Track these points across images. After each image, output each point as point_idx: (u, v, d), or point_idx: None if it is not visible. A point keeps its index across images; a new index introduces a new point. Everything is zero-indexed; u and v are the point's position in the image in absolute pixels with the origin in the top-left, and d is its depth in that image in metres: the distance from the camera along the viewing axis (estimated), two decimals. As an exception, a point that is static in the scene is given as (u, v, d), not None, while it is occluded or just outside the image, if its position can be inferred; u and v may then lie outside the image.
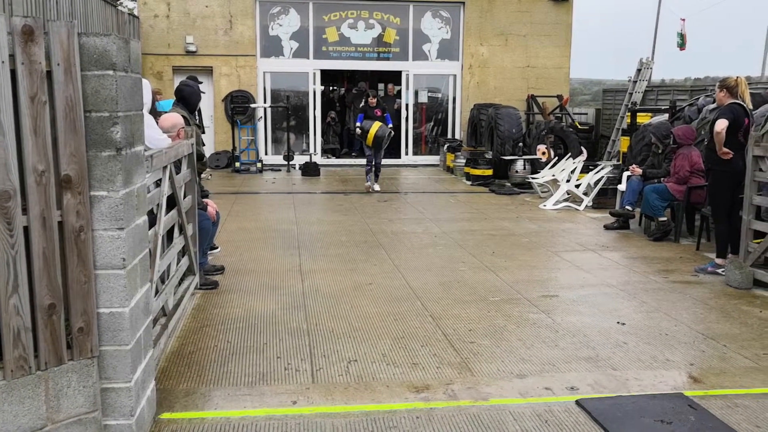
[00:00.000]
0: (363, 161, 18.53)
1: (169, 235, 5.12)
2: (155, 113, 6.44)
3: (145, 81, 4.64)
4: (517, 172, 13.66)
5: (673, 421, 3.65)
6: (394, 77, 17.97)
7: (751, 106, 6.93)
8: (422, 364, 4.45)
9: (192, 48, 16.35)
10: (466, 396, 3.98)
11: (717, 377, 4.31)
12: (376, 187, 12.58)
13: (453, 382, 4.18)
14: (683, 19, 18.43)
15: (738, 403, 3.92)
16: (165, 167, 4.64)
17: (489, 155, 14.41)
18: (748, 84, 7.18)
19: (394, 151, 18.26)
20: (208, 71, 16.36)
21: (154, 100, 6.83)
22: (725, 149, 6.59)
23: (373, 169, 12.58)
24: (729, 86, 6.77)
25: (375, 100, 12.37)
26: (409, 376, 4.26)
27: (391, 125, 12.29)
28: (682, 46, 18.66)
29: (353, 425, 3.61)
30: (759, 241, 6.33)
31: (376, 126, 11.95)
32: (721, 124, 6.54)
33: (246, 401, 3.87)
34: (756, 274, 6.32)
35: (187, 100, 7.00)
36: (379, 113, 12.22)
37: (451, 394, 4.01)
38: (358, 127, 12.24)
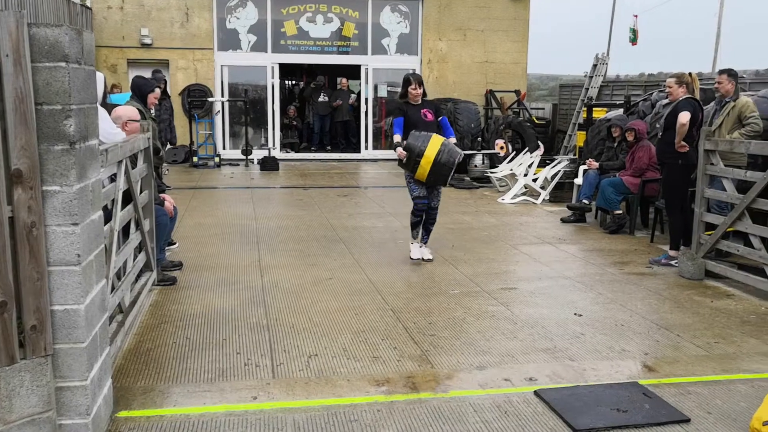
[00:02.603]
0: (323, 155, 18.67)
1: (126, 230, 5.03)
2: (107, 106, 6.33)
3: (99, 74, 4.55)
4: (476, 166, 13.77)
5: (629, 410, 3.73)
6: (354, 71, 17.95)
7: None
8: (383, 358, 4.46)
9: (147, 41, 16.08)
10: (426, 388, 4.01)
11: (670, 366, 4.41)
12: (427, 254, 7.07)
13: (413, 375, 4.20)
14: (636, 15, 18.84)
15: (690, 390, 4.02)
16: (120, 162, 4.56)
17: (448, 150, 14.45)
18: (699, 80, 7.35)
19: (353, 146, 18.27)
20: (165, 64, 16.10)
21: (105, 93, 6.72)
22: (683, 142, 6.74)
23: (423, 218, 7.06)
24: (686, 81, 6.92)
25: (419, 91, 6.82)
26: (370, 370, 4.26)
27: (454, 138, 6.93)
28: (633, 41, 19.10)
29: (314, 420, 3.60)
30: (710, 233, 6.49)
31: (436, 144, 6.56)
32: (686, 117, 6.67)
33: (206, 397, 3.83)
34: (707, 265, 6.49)
35: (141, 89, 7.00)
36: (430, 117, 6.87)
37: (412, 386, 4.03)
38: (397, 143, 6.70)
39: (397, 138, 6.75)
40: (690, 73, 7.04)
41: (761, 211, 6.23)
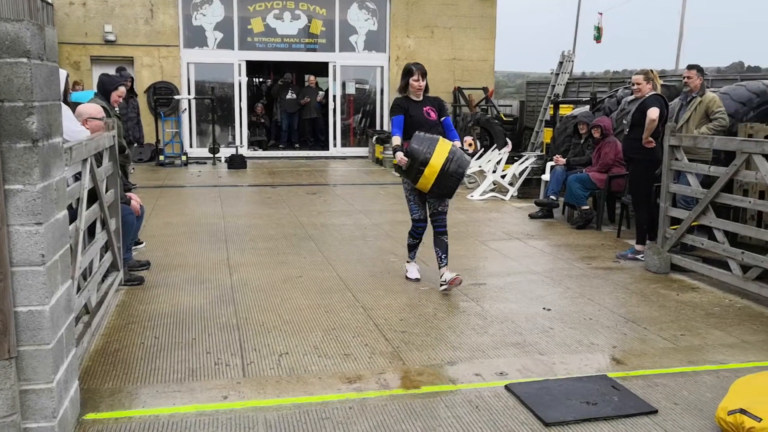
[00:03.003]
0: (291, 153, 18.58)
1: (91, 230, 4.95)
2: (70, 104, 6.23)
3: (61, 71, 4.47)
4: (444, 163, 13.78)
5: (598, 402, 3.77)
6: (321, 69, 17.89)
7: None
8: (354, 355, 4.45)
9: (111, 37, 15.83)
10: (398, 385, 4.01)
11: (638, 358, 4.47)
12: (447, 275, 5.90)
13: (385, 371, 4.20)
14: (600, 13, 19.05)
15: (657, 382, 4.09)
16: (85, 160, 4.48)
17: (417, 147, 14.48)
18: (663, 77, 7.47)
19: (322, 143, 18.21)
20: (129, 62, 15.86)
21: (67, 90, 6.62)
22: (650, 138, 6.83)
23: (415, 243, 6.32)
24: (652, 78, 7.03)
25: (422, 83, 5.93)
26: (341, 367, 4.25)
27: (459, 142, 5.99)
28: (598, 38, 19.33)
29: (285, 418, 3.58)
30: (675, 227, 6.60)
31: (443, 150, 5.63)
32: (655, 113, 6.76)
33: (175, 398, 3.78)
34: (673, 259, 6.60)
35: (104, 86, 6.93)
36: (433, 116, 5.98)
37: (384, 383, 4.03)
38: (397, 147, 5.79)
39: (396, 140, 5.81)
40: (651, 70, 7.15)
41: (725, 205, 6.35)
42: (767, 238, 5.69)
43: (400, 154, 5.69)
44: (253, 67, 18.65)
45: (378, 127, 18.00)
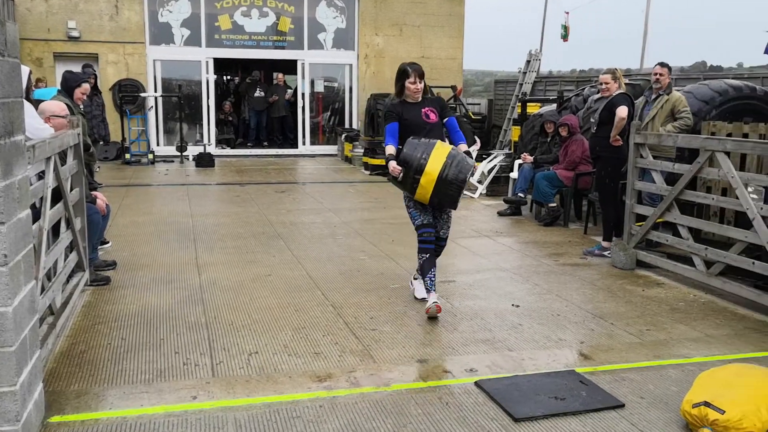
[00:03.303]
0: (260, 151, 18.47)
1: (56, 229, 4.87)
2: (32, 102, 6.11)
3: (23, 68, 4.38)
4: (414, 161, 13.81)
5: (567, 397, 3.82)
6: (290, 66, 17.80)
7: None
8: (324, 353, 4.44)
9: (75, 33, 15.56)
10: (368, 383, 4.01)
11: (605, 353, 4.53)
12: (433, 300, 5.15)
13: (355, 369, 4.20)
14: (567, 12, 19.26)
15: (624, 376, 4.15)
16: (49, 158, 4.40)
17: (386, 145, 14.48)
18: (628, 75, 7.57)
19: (291, 141, 18.12)
20: (94, 58, 15.61)
21: (30, 88, 6.50)
22: (617, 136, 6.92)
23: (428, 257, 5.31)
24: (619, 77, 7.13)
25: (420, 86, 5.33)
26: (312, 366, 4.24)
27: (463, 144, 5.39)
28: (565, 37, 19.54)
29: (256, 417, 3.56)
30: (641, 224, 6.70)
31: (441, 154, 5.08)
32: (624, 111, 6.85)
33: (143, 399, 3.73)
34: (639, 255, 6.70)
35: (67, 83, 6.84)
36: (433, 117, 5.36)
37: (354, 381, 4.02)
38: (390, 156, 5.22)
39: (389, 149, 5.24)
40: (617, 69, 7.25)
41: (689, 202, 6.47)
42: (730, 234, 5.80)
43: (393, 163, 5.08)
44: (220, 65, 18.48)
45: (347, 125, 17.97)
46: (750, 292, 5.47)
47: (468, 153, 5.24)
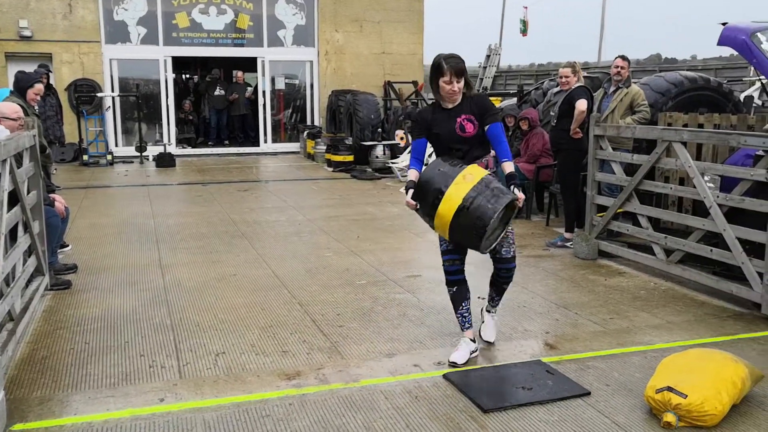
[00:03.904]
0: (221, 150, 18.26)
1: (13, 234, 4.76)
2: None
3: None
4: (377, 157, 13.85)
5: (533, 387, 3.86)
6: (250, 64, 17.64)
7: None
8: (292, 352, 4.43)
9: (27, 33, 15.19)
10: (337, 379, 4.01)
11: (570, 343, 4.60)
12: (490, 331, 4.60)
13: (324, 366, 4.19)
14: (525, 7, 19.43)
15: (589, 364, 4.22)
16: (4, 161, 4.30)
17: (349, 141, 14.49)
18: (586, 68, 7.68)
19: (252, 139, 17.98)
20: (47, 58, 15.27)
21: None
22: (577, 129, 7.02)
23: (455, 290, 4.39)
24: (578, 70, 7.22)
25: (458, 86, 4.08)
26: (280, 364, 4.22)
27: (508, 162, 4.15)
28: (524, 31, 19.67)
29: (225, 417, 3.53)
30: (602, 214, 6.81)
31: (465, 183, 3.92)
32: (584, 104, 6.95)
33: (109, 403, 3.68)
34: (600, 246, 6.81)
35: (19, 83, 6.71)
36: (470, 129, 4.14)
37: (323, 378, 4.02)
38: (408, 184, 4.18)
39: (411, 174, 4.19)
40: (576, 63, 7.35)
41: (648, 192, 6.59)
42: (688, 223, 5.93)
43: (408, 196, 4.11)
44: (179, 63, 18.23)
45: (309, 122, 17.89)
46: (708, 278, 5.60)
47: (512, 176, 4.05)
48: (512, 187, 3.98)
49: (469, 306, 4.37)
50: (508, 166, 4.08)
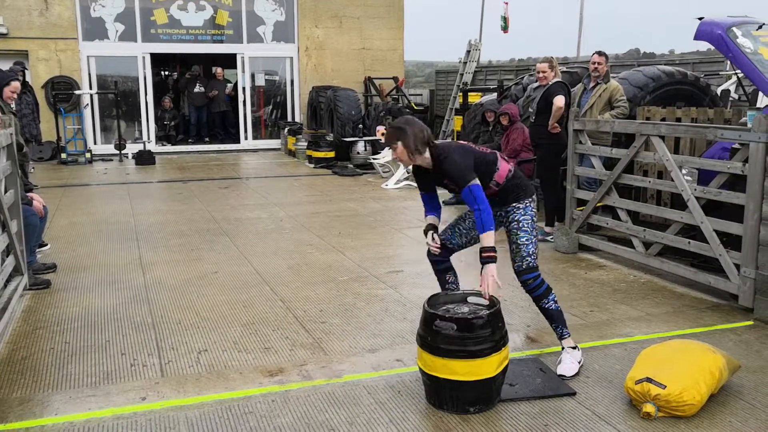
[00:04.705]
0: (201, 147, 18.15)
1: (-10, 233, 4.71)
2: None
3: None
4: (358, 153, 13.84)
5: (519, 383, 3.87)
6: (229, 60, 17.55)
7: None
8: (275, 348, 4.43)
9: (2, 30, 15.01)
10: (320, 375, 4.01)
11: (551, 336, 4.61)
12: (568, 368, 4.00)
13: (306, 362, 4.20)
14: (506, 3, 19.40)
15: (570, 357, 4.24)
16: (-19, 159, 4.25)
17: (330, 137, 14.47)
18: (565, 64, 7.72)
19: (233, 136, 17.89)
20: (24, 55, 15.10)
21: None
22: (555, 124, 7.06)
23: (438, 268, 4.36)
24: (555, 66, 7.26)
25: (407, 157, 3.84)
26: (262, 361, 4.22)
27: (483, 234, 3.80)
28: (505, 28, 19.60)
29: (207, 415, 3.52)
30: (581, 208, 6.86)
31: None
32: (561, 100, 7.00)
33: (90, 403, 3.66)
34: (581, 239, 6.86)
35: None
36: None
37: (306, 374, 4.02)
38: (430, 228, 4.19)
39: (429, 219, 4.22)
40: (553, 58, 7.39)
41: (626, 185, 6.65)
42: (667, 216, 6.00)
43: (429, 236, 4.14)
44: (158, 60, 18.09)
45: (290, 119, 17.84)
46: (687, 270, 5.67)
47: (485, 249, 3.81)
48: (483, 265, 3.76)
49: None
50: (484, 239, 3.78)
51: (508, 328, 4.73)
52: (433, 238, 4.11)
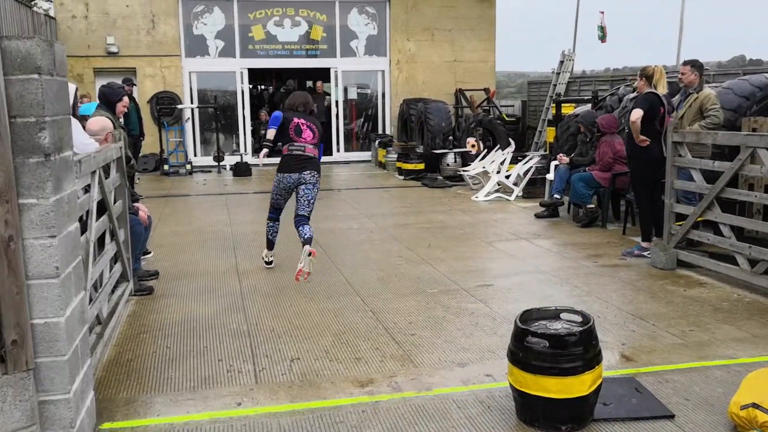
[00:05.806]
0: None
1: (101, 241, 4.99)
2: (78, 117, 6.27)
3: (70, 84, 4.51)
4: (448, 165, 13.84)
5: (613, 403, 3.76)
6: (323, 74, 17.93)
7: (665, 92, 7.15)
8: (365, 359, 4.48)
9: (113, 49, 15.91)
10: (409, 387, 4.03)
11: (647, 355, 4.49)
12: None
13: (396, 374, 4.23)
14: (602, 12, 18.90)
15: (668, 378, 4.10)
16: (94, 172, 4.52)
17: (420, 149, 14.54)
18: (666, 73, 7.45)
19: (325, 149, 18.21)
20: (132, 72, 15.94)
21: (76, 103, 6.68)
22: (642, 137, 6.85)
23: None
24: (647, 75, 7.02)
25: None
26: (353, 371, 4.28)
27: None
28: (603, 38, 18.97)
29: (299, 423, 3.61)
30: (681, 223, 6.61)
31: None
32: (636, 114, 6.80)
33: (189, 406, 3.81)
34: (679, 255, 6.61)
35: (108, 98, 6.97)
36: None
37: (395, 386, 4.05)
38: None
39: None
40: (654, 67, 7.12)
41: (730, 200, 6.36)
42: (773, 232, 5.70)
43: None
44: (255, 75, 18.69)
45: (380, 131, 18.03)
46: (796, 290, 5.36)
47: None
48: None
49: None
50: None
51: (602, 346, 4.63)
52: None
